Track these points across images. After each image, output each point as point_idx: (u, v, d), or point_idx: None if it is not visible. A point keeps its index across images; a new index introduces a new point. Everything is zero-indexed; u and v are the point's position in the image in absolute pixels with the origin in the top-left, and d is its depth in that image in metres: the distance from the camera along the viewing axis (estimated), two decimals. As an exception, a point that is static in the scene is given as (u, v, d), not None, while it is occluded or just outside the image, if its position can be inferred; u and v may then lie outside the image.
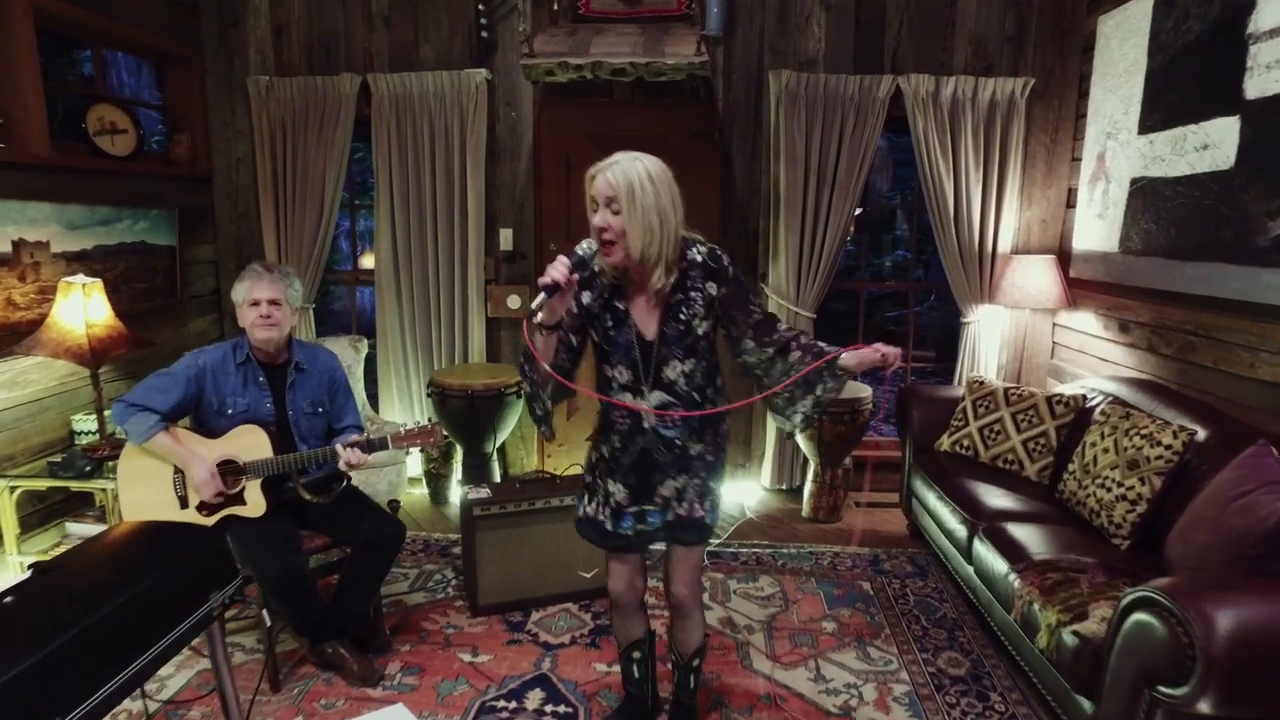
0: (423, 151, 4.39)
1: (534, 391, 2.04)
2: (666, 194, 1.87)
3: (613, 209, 1.85)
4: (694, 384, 2.05)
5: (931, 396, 3.95)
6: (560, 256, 1.83)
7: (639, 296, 2.01)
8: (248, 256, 4.70)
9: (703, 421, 2.09)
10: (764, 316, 2.04)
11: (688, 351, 2.01)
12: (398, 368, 4.65)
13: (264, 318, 2.69)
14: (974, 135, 4.15)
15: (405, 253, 4.50)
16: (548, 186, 4.49)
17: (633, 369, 2.03)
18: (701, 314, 2.00)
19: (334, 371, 2.92)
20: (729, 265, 2.02)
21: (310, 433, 2.84)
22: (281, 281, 2.75)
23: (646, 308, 2.02)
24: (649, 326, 2.02)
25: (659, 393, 2.04)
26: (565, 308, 1.92)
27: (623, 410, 2.07)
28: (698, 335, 2.01)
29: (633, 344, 2.01)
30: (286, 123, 4.44)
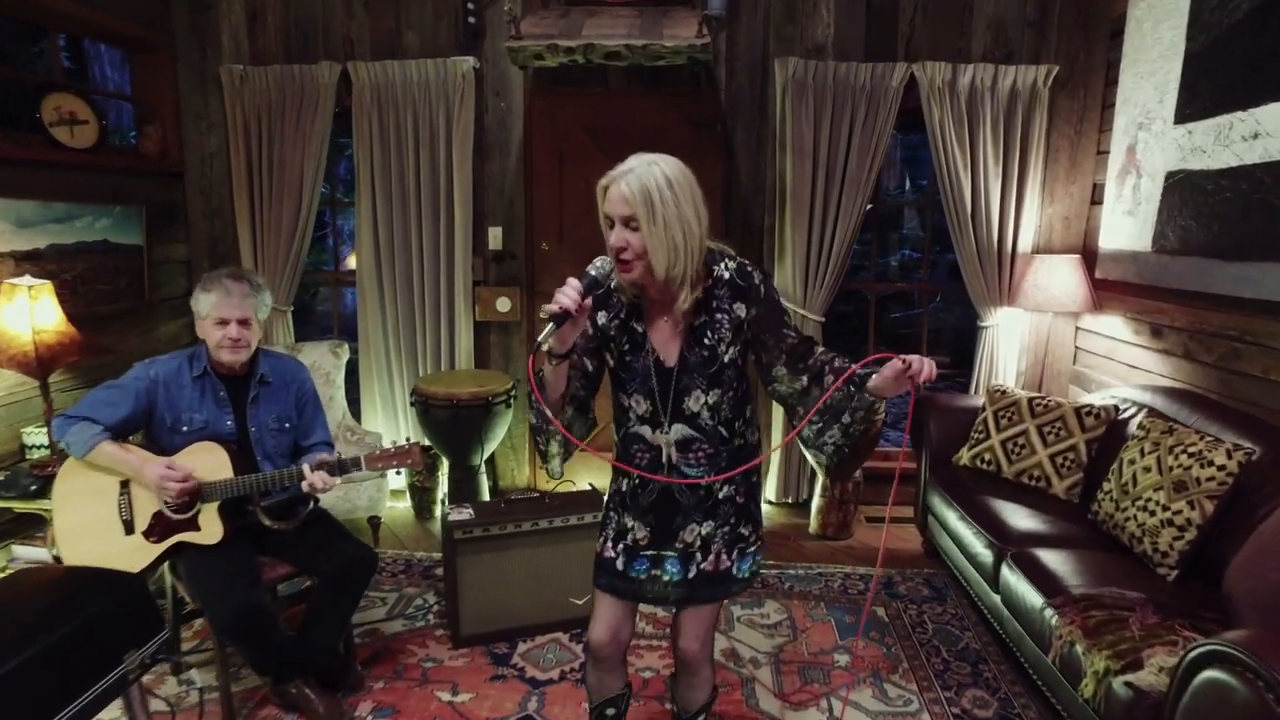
0: (406, 144, 4.13)
1: (540, 425, 1.78)
2: (689, 202, 1.62)
3: (631, 226, 1.60)
4: (720, 417, 1.79)
5: (949, 406, 3.69)
6: (570, 280, 1.57)
7: (659, 318, 1.76)
8: (222, 256, 4.44)
9: (731, 459, 1.84)
10: (799, 340, 1.77)
11: (712, 381, 1.75)
12: (381, 374, 4.39)
13: (233, 340, 2.44)
14: (993, 127, 3.89)
15: (388, 252, 4.24)
16: (539, 182, 4.23)
17: (651, 399, 1.78)
18: (729, 338, 1.74)
19: (303, 384, 2.67)
20: (760, 283, 1.75)
21: (275, 451, 2.58)
22: (253, 297, 2.49)
23: (667, 331, 1.77)
24: (669, 352, 1.76)
25: (680, 426, 1.78)
26: (578, 334, 1.67)
27: (641, 442, 1.82)
28: (723, 363, 1.75)
29: (650, 371, 1.76)
30: (262, 114, 4.18)
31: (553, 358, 1.64)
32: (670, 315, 1.75)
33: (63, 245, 3.55)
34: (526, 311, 4.32)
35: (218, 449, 2.41)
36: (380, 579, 3.53)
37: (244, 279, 2.51)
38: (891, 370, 1.59)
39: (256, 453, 2.54)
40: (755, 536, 1.92)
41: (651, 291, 1.73)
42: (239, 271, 2.53)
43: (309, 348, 4.17)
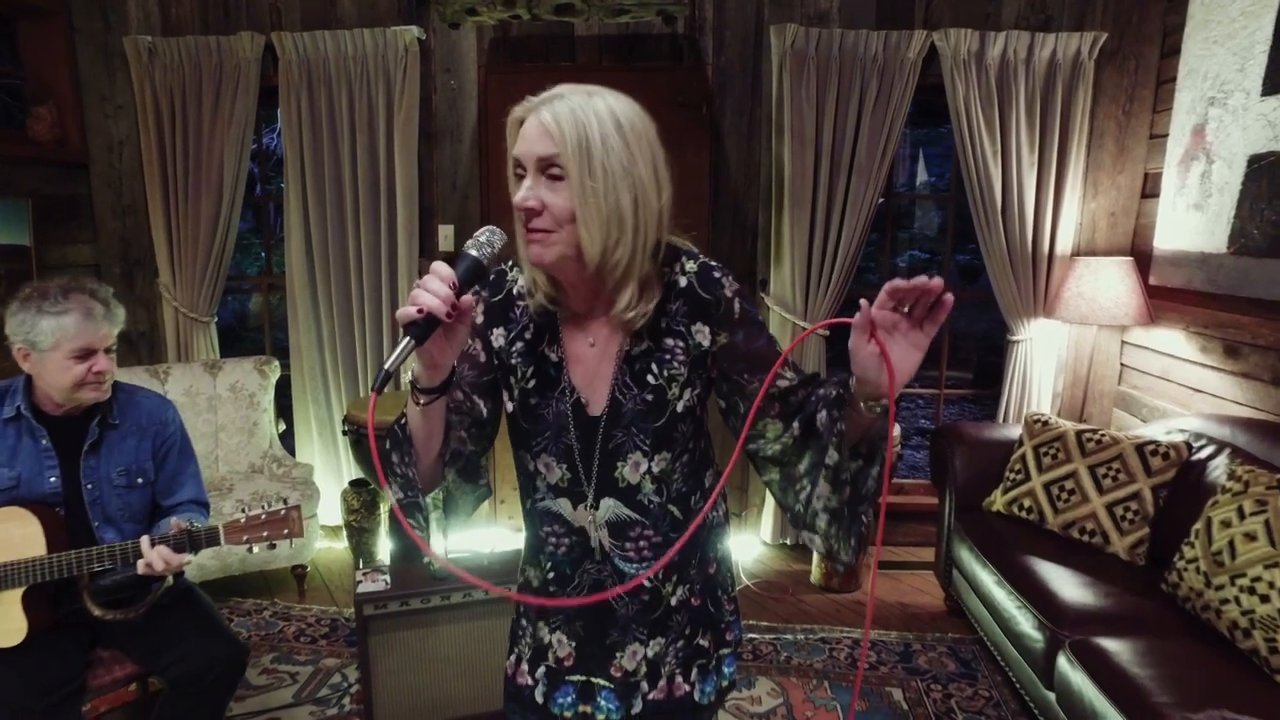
0: (341, 129, 3.54)
1: (408, 499, 1.16)
2: (645, 156, 1.07)
3: (551, 174, 1.04)
4: (669, 492, 1.21)
5: (978, 439, 3.10)
6: (438, 265, 0.99)
7: (581, 339, 1.19)
8: (136, 260, 3.86)
9: (686, 551, 1.25)
10: (799, 382, 1.17)
11: (658, 439, 1.17)
12: (316, 396, 3.80)
13: (98, 376, 1.88)
14: (1027, 106, 3.30)
15: (321, 254, 3.66)
16: (497, 173, 3.64)
17: (568, 462, 1.20)
18: (683, 376, 1.16)
19: (163, 426, 2.08)
20: (733, 295, 1.17)
21: (121, 514, 1.99)
22: (114, 316, 1.92)
23: (592, 360, 1.19)
24: (595, 392, 1.19)
25: (612, 503, 1.20)
26: (456, 352, 1.07)
27: (558, 523, 1.24)
28: (675, 413, 1.17)
29: (568, 421, 1.19)
30: (175, 94, 3.59)
31: (419, 393, 1.07)
32: (599, 335, 1.17)
33: (-85, 246, 2.96)
34: (484, 323, 3.73)
35: (26, 517, 1.82)
36: (297, 646, 2.95)
37: (97, 294, 1.92)
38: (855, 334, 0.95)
39: (93, 517, 1.95)
40: (724, 643, 1.34)
41: (572, 294, 1.16)
42: (85, 284, 1.92)
43: (230, 365, 3.60)
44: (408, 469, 1.14)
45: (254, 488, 3.30)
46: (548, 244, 1.06)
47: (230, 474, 3.48)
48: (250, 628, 3.08)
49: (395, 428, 1.15)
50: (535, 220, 1.05)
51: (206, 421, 3.53)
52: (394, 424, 1.15)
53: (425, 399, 1.06)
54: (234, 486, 3.31)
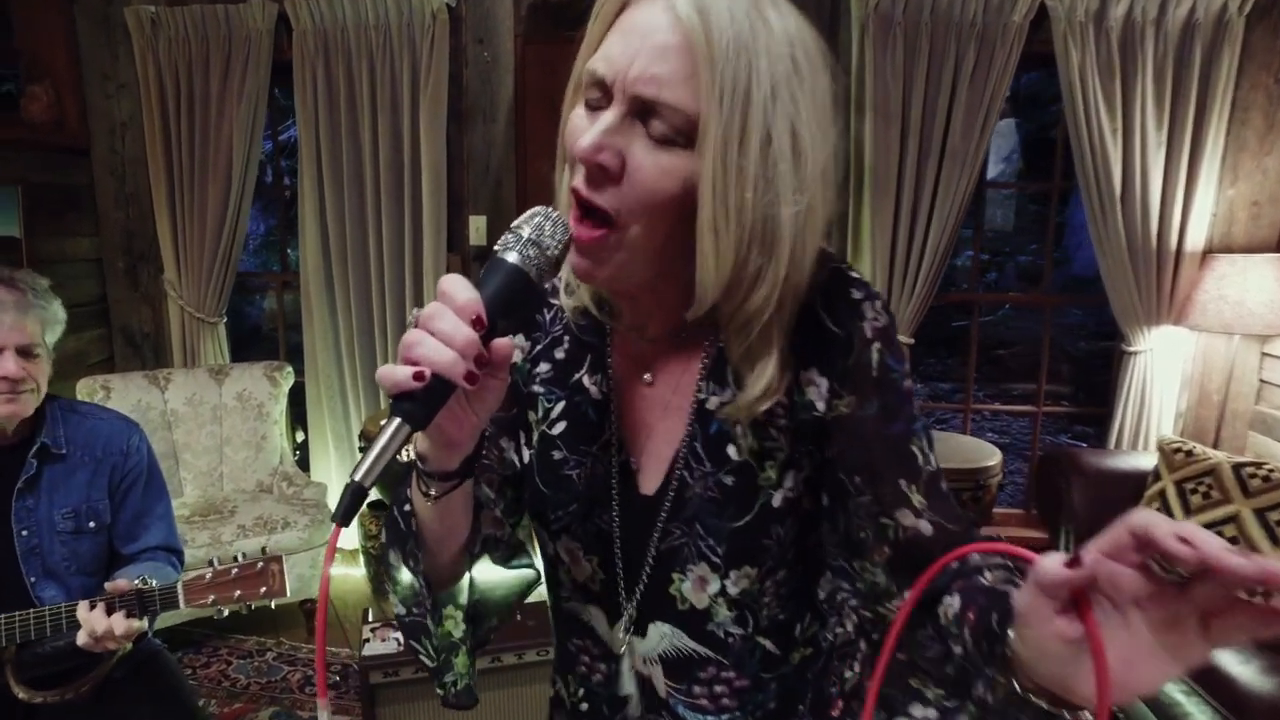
0: (361, 108, 3.16)
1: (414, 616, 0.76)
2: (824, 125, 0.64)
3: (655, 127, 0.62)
4: (757, 621, 0.76)
5: (1099, 469, 2.62)
6: (452, 284, 0.59)
7: (637, 362, 0.78)
8: (140, 254, 3.52)
9: (787, 692, 0.81)
10: (937, 532, 0.70)
11: (739, 548, 0.73)
12: (332, 406, 3.42)
13: (6, 384, 1.48)
14: (1155, 77, 2.80)
15: (339, 249, 3.28)
16: (535, 156, 3.22)
17: (601, 556, 0.79)
18: (782, 451, 0.72)
19: (122, 456, 1.68)
20: (874, 335, 0.71)
21: (67, 566, 1.60)
22: (37, 308, 1.54)
23: (654, 400, 0.77)
24: (652, 454, 0.77)
25: (667, 630, 0.77)
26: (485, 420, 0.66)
27: (588, 637, 0.83)
28: (767, 508, 0.73)
29: (607, 492, 0.78)
30: (180, 70, 3.24)
31: (429, 480, 0.67)
32: (663, 366, 0.76)
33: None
34: (518, 326, 3.32)
35: (-62, 574, 1.45)
36: (301, 699, 2.56)
37: (14, 281, 1.54)
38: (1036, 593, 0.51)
39: (29, 571, 1.56)
40: None
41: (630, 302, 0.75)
42: (3, 271, 1.55)
43: (238, 371, 3.24)
44: (415, 575, 0.73)
45: (259, 511, 2.92)
46: (604, 251, 0.64)
47: (235, 494, 3.12)
48: (250, 673, 2.70)
49: (395, 516, 0.74)
50: (596, 191, 0.62)
51: (210, 434, 3.17)
52: (391, 511, 0.74)
53: (439, 489, 0.66)
54: (237, 509, 2.94)
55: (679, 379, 0.75)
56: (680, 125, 0.60)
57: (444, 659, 0.76)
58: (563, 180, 0.71)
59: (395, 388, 0.56)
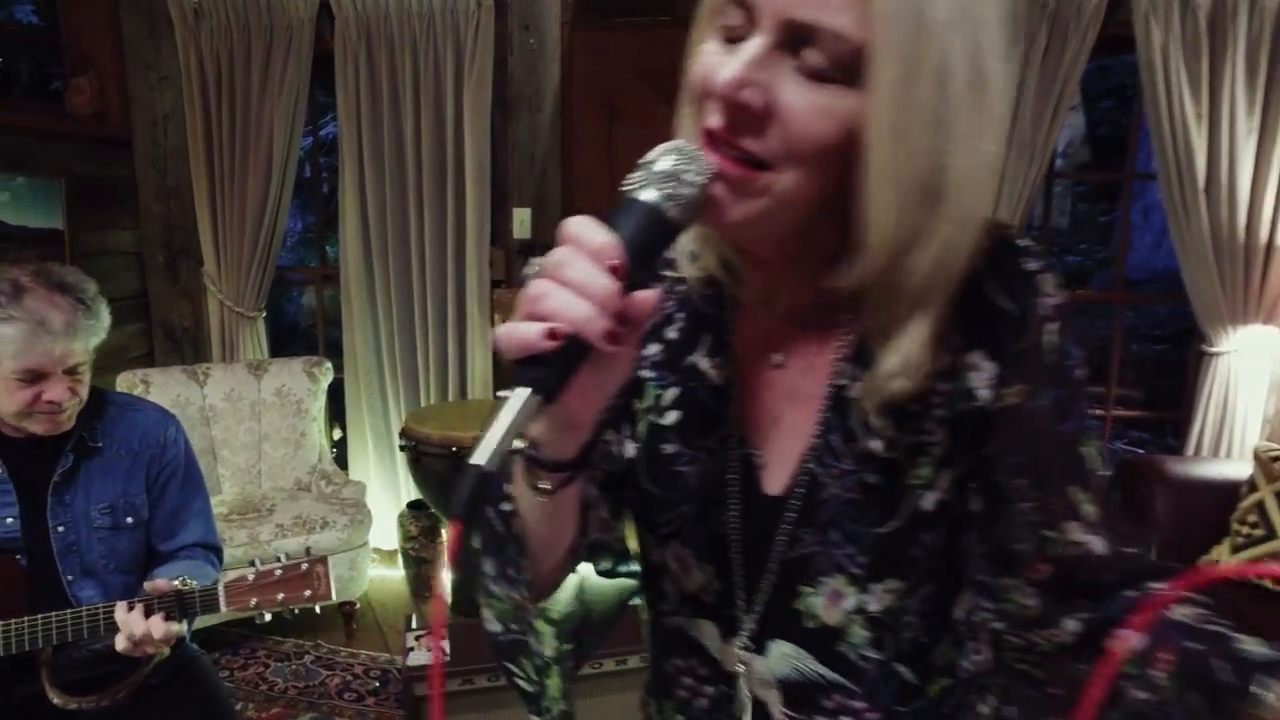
0: (403, 97, 3.08)
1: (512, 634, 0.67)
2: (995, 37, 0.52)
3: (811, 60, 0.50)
4: (896, 645, 0.64)
5: (1185, 478, 2.45)
6: (581, 227, 0.49)
7: (763, 339, 0.66)
8: (180, 247, 3.48)
9: None
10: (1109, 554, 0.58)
11: (883, 558, 0.61)
12: (372, 403, 3.35)
13: (51, 405, 1.40)
14: (1247, 58, 2.61)
15: (380, 243, 3.20)
16: (582, 147, 3.13)
17: (717, 564, 0.67)
18: (938, 447, 0.60)
19: (162, 449, 1.60)
20: (1052, 313, 0.59)
21: (105, 564, 1.52)
22: (85, 328, 1.43)
23: (784, 385, 0.65)
24: (779, 448, 0.65)
25: (789, 650, 0.65)
26: (610, 395, 0.56)
27: (694, 656, 0.71)
28: (917, 513, 0.60)
29: (727, 491, 0.66)
30: (222, 60, 3.19)
31: (543, 472, 0.58)
32: (796, 346, 0.65)
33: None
34: (562, 322, 3.21)
35: (-31, 572, 1.37)
36: (340, 705, 2.48)
37: (66, 293, 1.44)
38: None
39: (66, 569, 1.48)
40: None
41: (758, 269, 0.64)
42: (53, 275, 1.44)
43: (276, 367, 3.18)
44: (514, 587, 0.63)
45: (298, 510, 2.85)
46: (750, 191, 0.53)
47: (273, 492, 3.05)
48: (287, 676, 2.62)
49: (491, 517, 0.64)
50: (744, 134, 0.52)
51: (249, 430, 3.10)
52: (484, 511, 0.64)
53: (554, 482, 0.57)
54: (275, 507, 2.87)
55: (811, 362, 0.64)
56: (841, 56, 0.49)
57: (550, 693, 0.66)
58: (683, 124, 0.60)
59: (522, 349, 0.46)
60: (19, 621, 1.33)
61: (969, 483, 0.62)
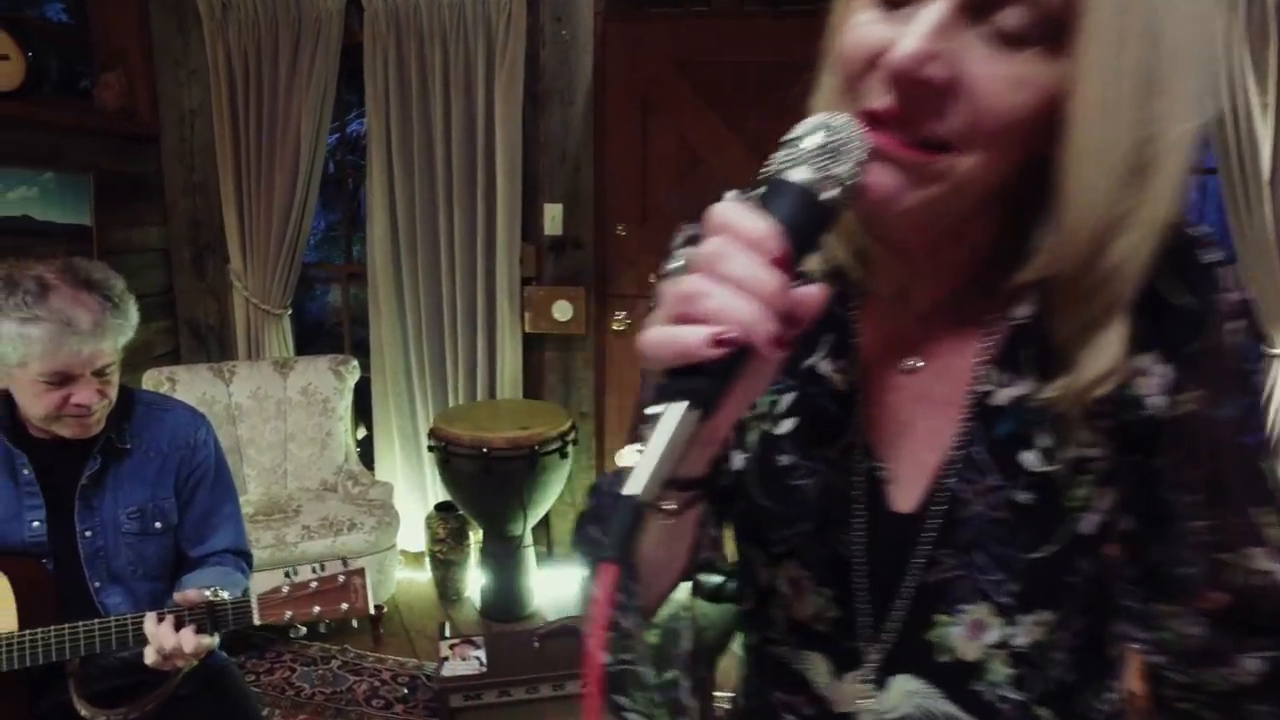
0: (433, 91, 3.02)
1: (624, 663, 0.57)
2: None
3: (1005, 23, 0.44)
4: (1042, 684, 0.56)
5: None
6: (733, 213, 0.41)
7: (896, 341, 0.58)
8: (206, 243, 3.43)
9: None
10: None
11: (1036, 585, 0.53)
12: (399, 403, 3.29)
13: (80, 409, 1.33)
14: (1314, 45, 2.50)
15: (409, 238, 3.14)
16: (615, 141, 3.05)
17: (838, 588, 0.59)
18: (1103, 463, 0.52)
19: (191, 451, 1.53)
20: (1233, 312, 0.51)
21: (133, 570, 1.46)
22: (113, 327, 1.35)
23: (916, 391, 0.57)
24: (911, 461, 0.56)
25: (917, 687, 0.57)
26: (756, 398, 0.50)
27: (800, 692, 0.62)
28: (1076, 537, 0.53)
29: (851, 509, 0.57)
30: (250, 54, 3.14)
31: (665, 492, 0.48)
32: (932, 348, 0.56)
33: (-50, 221, 2.57)
34: (594, 321, 3.14)
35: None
36: (369, 712, 2.42)
37: (93, 285, 1.37)
38: None
39: (93, 575, 1.42)
40: None
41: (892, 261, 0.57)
42: (79, 271, 1.37)
43: (302, 365, 3.12)
44: (624, 614, 0.56)
45: (325, 511, 2.79)
46: (925, 176, 0.46)
47: (299, 492, 2.99)
48: (314, 681, 2.56)
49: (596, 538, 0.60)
50: (922, 114, 0.45)
51: (275, 429, 3.05)
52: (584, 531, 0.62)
53: (681, 501, 0.50)
54: (301, 509, 2.82)
55: (948, 364, 0.56)
56: (1039, 17, 0.42)
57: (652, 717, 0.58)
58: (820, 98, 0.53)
59: (680, 357, 0.39)
60: (45, 631, 1.27)
61: (1132, 501, 0.54)
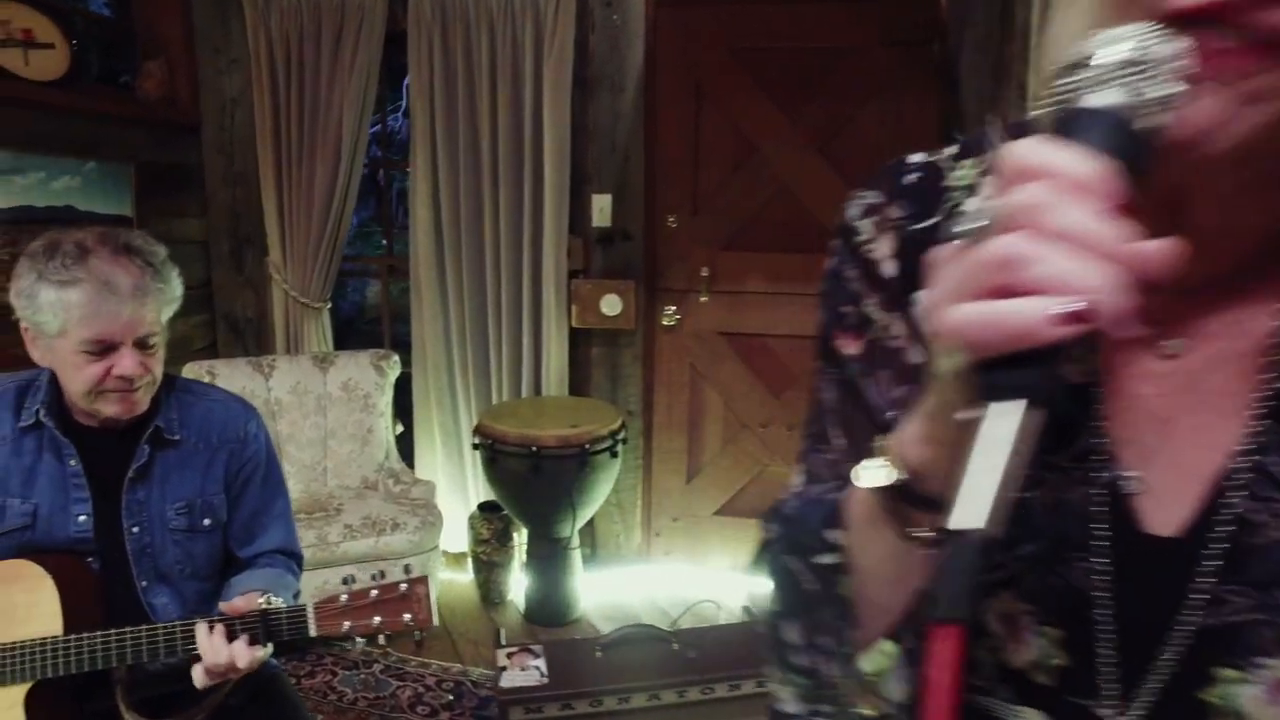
0: (479, 78, 2.93)
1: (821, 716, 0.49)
2: None
3: None
4: None
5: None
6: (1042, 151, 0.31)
7: (1157, 338, 0.45)
8: (245, 235, 3.37)
9: None
10: None
11: None
12: (441, 399, 3.20)
13: (123, 382, 1.24)
14: None
15: (453, 230, 3.05)
16: (666, 129, 2.95)
17: (1073, 631, 0.46)
18: None
19: (241, 443, 1.44)
20: None
21: (180, 570, 1.38)
22: (155, 291, 1.27)
23: (1180, 382, 0.45)
24: (1174, 473, 0.44)
25: None
26: None
27: None
28: None
29: (1094, 532, 0.45)
30: (292, 42, 3.07)
31: (916, 514, 0.41)
32: (1202, 337, 0.44)
33: (-7, 210, 2.51)
34: (644, 315, 3.04)
35: (37, 575, 1.22)
36: (414, 718, 2.32)
37: (133, 251, 1.28)
38: None
39: (140, 574, 1.34)
40: None
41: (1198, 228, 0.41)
42: (119, 237, 1.28)
43: (343, 359, 3.05)
44: (828, 660, 0.46)
45: (366, 510, 2.71)
46: (1271, 85, 0.34)
47: (339, 490, 2.92)
48: (356, 686, 2.48)
49: (801, 572, 0.49)
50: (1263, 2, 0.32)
51: (315, 425, 2.98)
52: (780, 561, 0.48)
53: (934, 524, 0.40)
54: (343, 507, 2.74)
55: (1227, 348, 0.44)
56: None
57: None
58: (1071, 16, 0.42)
59: (1015, 340, 0.29)
60: (93, 637, 1.19)
61: None
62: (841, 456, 0.58)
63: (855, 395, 0.57)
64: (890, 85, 2.78)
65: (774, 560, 0.53)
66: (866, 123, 2.82)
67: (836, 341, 0.58)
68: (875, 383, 0.56)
